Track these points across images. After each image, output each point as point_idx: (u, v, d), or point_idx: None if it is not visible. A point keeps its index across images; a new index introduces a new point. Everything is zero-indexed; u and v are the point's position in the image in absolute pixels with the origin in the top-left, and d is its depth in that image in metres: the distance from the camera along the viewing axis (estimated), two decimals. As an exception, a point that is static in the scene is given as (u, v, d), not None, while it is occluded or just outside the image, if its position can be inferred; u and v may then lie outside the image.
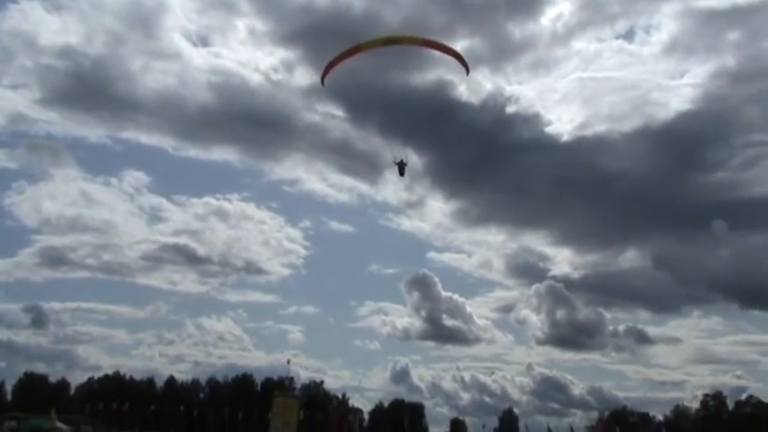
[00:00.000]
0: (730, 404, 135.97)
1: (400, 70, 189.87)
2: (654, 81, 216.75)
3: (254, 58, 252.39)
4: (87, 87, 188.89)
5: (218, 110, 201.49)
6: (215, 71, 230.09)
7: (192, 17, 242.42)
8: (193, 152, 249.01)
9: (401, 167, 22.23)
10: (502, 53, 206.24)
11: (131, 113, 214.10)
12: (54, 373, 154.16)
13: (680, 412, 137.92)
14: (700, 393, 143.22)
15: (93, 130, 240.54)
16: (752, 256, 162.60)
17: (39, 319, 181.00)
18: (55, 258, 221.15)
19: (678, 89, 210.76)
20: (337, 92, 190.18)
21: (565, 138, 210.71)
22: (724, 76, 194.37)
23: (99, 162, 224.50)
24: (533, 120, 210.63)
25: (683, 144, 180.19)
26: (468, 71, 22.76)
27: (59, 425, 65.44)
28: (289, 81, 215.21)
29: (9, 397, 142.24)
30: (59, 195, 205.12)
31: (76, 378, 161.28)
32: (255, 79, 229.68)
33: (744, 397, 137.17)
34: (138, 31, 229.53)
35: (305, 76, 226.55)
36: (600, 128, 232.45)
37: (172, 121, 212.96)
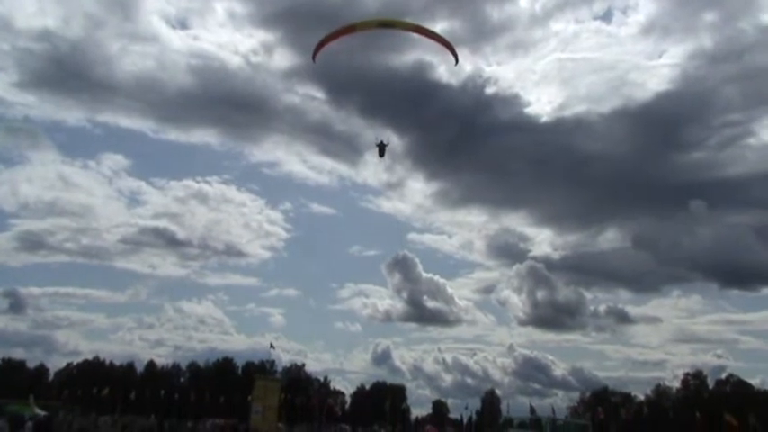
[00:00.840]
0: (710, 383, 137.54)
1: (380, 52, 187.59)
2: (632, 62, 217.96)
3: (233, 40, 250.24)
4: (65, 70, 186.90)
5: (197, 92, 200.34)
6: (194, 54, 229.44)
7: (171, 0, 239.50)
8: (173, 135, 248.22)
9: (381, 149, 21.93)
10: (481, 34, 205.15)
11: (110, 96, 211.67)
12: (32, 359, 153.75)
13: (661, 391, 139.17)
14: (680, 372, 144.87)
15: (71, 114, 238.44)
16: (730, 235, 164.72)
17: (17, 305, 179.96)
18: (33, 243, 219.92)
19: (656, 69, 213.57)
20: (317, 73, 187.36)
21: (544, 119, 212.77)
22: (701, 57, 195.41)
23: (77, 145, 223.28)
24: (512, 101, 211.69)
25: (662, 124, 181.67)
26: (456, 60, 22.36)
27: (38, 411, 64.81)
28: (268, 63, 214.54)
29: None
30: (37, 179, 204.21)
31: (55, 363, 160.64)
32: (235, 62, 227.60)
33: (724, 376, 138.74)
34: (117, 13, 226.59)
35: (284, 58, 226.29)
36: (579, 109, 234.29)
37: (151, 104, 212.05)
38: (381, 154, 22.58)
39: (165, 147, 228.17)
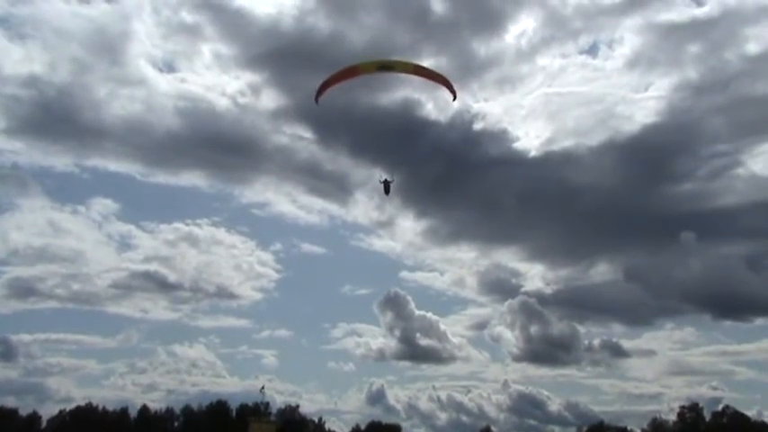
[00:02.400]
0: (707, 415, 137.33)
1: (367, 90, 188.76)
2: (618, 95, 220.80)
3: (220, 82, 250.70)
4: (53, 116, 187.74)
5: (185, 135, 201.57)
6: (181, 96, 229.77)
7: (158, 43, 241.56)
8: (162, 178, 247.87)
9: (386, 186, 22.02)
10: (468, 71, 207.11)
11: (98, 141, 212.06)
12: (24, 407, 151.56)
13: (657, 425, 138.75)
14: (676, 405, 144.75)
15: (59, 159, 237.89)
16: (721, 266, 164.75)
17: (7, 352, 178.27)
18: (23, 289, 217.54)
19: (642, 102, 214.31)
20: (305, 113, 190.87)
21: (532, 153, 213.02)
22: (687, 89, 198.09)
23: (66, 191, 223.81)
24: (501, 136, 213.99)
25: (650, 156, 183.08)
26: (455, 97, 22.71)
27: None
28: (255, 104, 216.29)
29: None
30: (27, 225, 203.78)
31: (48, 411, 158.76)
32: (222, 103, 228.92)
33: (720, 408, 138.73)
34: (103, 58, 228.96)
35: (271, 99, 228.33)
36: (567, 142, 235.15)
37: (139, 147, 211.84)
38: (387, 191, 22.72)
39: (153, 190, 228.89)
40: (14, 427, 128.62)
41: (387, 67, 20.18)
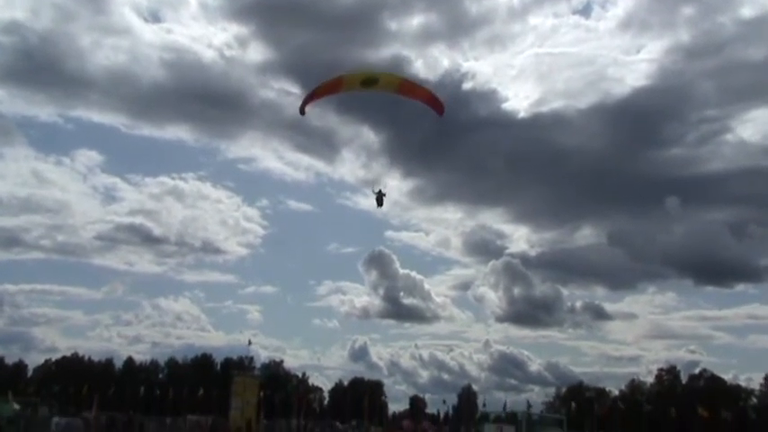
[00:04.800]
0: (684, 378, 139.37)
1: (355, 46, 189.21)
2: (610, 56, 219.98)
3: (206, 33, 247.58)
4: (36, 64, 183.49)
5: (170, 87, 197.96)
6: (167, 47, 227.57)
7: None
8: (147, 130, 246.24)
9: (379, 198, 22.27)
10: (458, 28, 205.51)
11: (82, 91, 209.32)
12: (10, 356, 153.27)
13: (635, 386, 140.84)
14: (654, 368, 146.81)
15: (42, 109, 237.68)
16: (706, 232, 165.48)
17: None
18: (8, 239, 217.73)
19: (634, 65, 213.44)
20: (292, 68, 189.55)
21: (521, 114, 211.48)
22: (679, 52, 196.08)
23: (50, 141, 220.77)
24: (490, 96, 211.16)
25: (639, 120, 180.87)
26: (442, 113, 22.73)
27: (17, 407, 65.10)
28: (242, 57, 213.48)
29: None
30: (11, 175, 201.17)
31: (34, 360, 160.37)
32: (208, 55, 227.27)
33: (697, 371, 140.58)
34: (87, 5, 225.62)
35: (259, 52, 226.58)
36: (556, 104, 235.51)
37: (124, 98, 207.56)
38: (380, 204, 22.92)
39: (138, 142, 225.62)
40: (1, 375, 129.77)
41: (371, 82, 20.19)
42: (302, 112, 20.96)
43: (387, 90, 20.86)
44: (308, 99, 20.63)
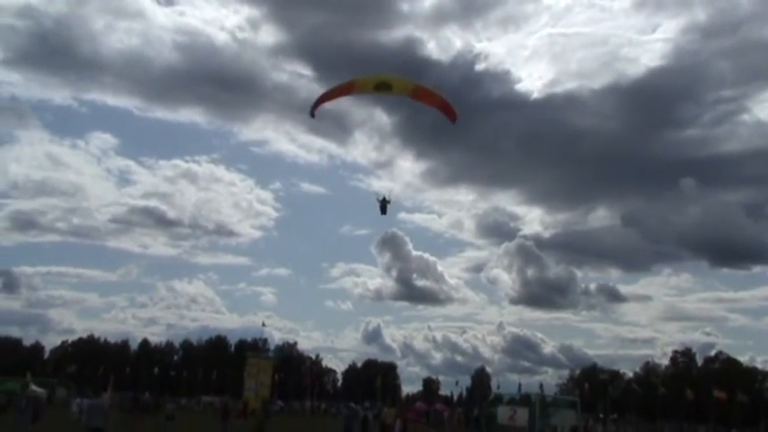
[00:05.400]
0: (699, 360, 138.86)
1: (368, 28, 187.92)
2: (624, 36, 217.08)
3: (219, 16, 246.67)
4: (50, 48, 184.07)
5: (183, 70, 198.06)
6: (180, 30, 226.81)
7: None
8: (160, 113, 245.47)
9: (383, 206, 22.05)
10: (471, 9, 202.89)
11: (96, 74, 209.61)
12: (28, 337, 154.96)
13: (649, 369, 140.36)
14: (669, 350, 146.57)
15: (57, 92, 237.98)
16: (722, 213, 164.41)
17: (10, 284, 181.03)
18: (24, 222, 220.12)
19: (649, 44, 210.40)
20: (304, 50, 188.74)
21: (535, 95, 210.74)
22: (695, 31, 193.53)
23: (65, 124, 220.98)
24: (503, 77, 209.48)
25: (654, 101, 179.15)
26: (454, 120, 22.23)
27: (34, 388, 65.61)
28: (255, 40, 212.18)
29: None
30: (26, 158, 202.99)
31: (50, 341, 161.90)
32: (221, 38, 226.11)
33: (713, 353, 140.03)
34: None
35: (271, 35, 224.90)
36: (570, 85, 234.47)
37: (137, 81, 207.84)
38: (384, 212, 22.66)
39: (152, 125, 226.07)
40: (19, 357, 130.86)
41: (384, 86, 19.80)
42: (312, 114, 20.64)
43: (400, 94, 20.47)
44: (319, 101, 20.34)
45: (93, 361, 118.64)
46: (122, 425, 33.25)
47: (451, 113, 21.20)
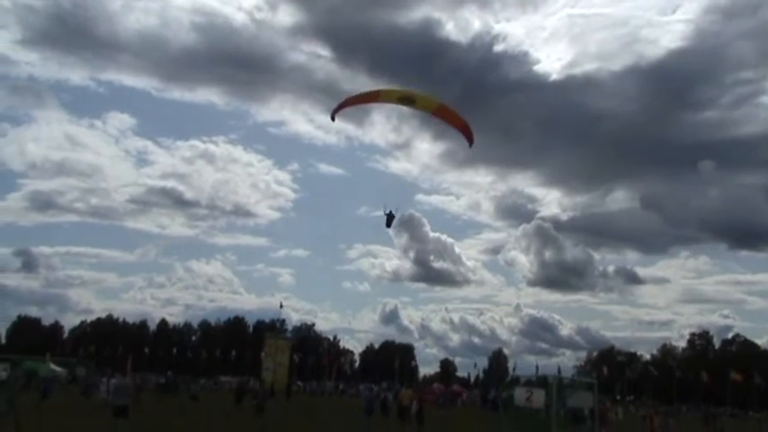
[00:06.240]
0: (717, 343, 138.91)
1: (386, 8, 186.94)
2: (644, 17, 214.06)
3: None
4: (68, 28, 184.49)
5: (201, 50, 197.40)
6: (197, 10, 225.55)
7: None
8: (177, 94, 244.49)
9: (389, 219, 21.99)
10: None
11: (113, 54, 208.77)
12: (47, 317, 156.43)
13: (667, 351, 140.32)
14: (687, 332, 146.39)
15: (75, 72, 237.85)
16: (740, 196, 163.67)
17: (29, 263, 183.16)
18: (43, 202, 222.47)
19: (669, 25, 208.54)
20: (322, 31, 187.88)
21: (554, 77, 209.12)
22: (716, 12, 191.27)
23: (83, 104, 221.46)
24: (521, 58, 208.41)
25: (673, 82, 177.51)
26: (471, 144, 22.14)
27: (54, 367, 66.25)
28: (272, 20, 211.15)
29: (3, 340, 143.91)
30: (44, 138, 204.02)
31: (69, 321, 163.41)
32: (239, 18, 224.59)
33: (730, 336, 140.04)
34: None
35: (289, 15, 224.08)
36: (589, 66, 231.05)
37: (155, 62, 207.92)
38: (389, 225, 22.59)
39: (169, 106, 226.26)
40: (38, 336, 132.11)
41: (408, 100, 19.70)
42: (333, 118, 20.65)
43: (424, 110, 20.47)
44: (341, 106, 20.31)
45: (111, 341, 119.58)
46: (146, 404, 33.47)
47: (469, 136, 21.13)
